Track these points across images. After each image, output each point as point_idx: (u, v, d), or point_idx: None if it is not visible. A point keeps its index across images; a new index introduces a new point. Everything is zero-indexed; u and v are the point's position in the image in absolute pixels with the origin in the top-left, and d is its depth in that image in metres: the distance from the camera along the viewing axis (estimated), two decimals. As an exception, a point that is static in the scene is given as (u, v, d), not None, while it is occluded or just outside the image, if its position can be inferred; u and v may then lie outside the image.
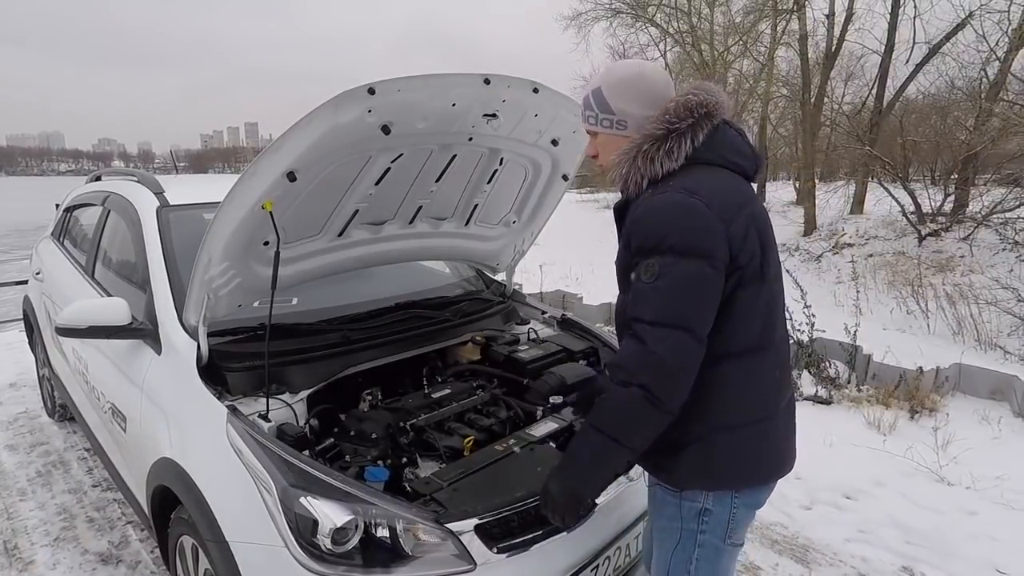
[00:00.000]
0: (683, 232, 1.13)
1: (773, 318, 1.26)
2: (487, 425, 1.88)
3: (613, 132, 1.32)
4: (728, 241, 1.14)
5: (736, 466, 1.25)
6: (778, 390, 1.29)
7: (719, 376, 1.20)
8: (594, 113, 1.33)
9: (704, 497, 1.26)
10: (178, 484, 1.62)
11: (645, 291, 1.15)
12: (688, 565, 1.31)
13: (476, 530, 1.42)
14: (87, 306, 1.97)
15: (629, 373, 1.14)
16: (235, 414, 1.58)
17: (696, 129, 1.22)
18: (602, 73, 1.34)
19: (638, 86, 1.29)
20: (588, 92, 1.34)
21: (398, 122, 1.58)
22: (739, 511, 1.28)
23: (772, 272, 1.25)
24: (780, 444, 1.31)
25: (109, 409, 2.17)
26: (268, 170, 1.50)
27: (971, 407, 3.64)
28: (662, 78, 1.31)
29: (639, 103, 1.28)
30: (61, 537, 2.54)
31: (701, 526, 1.28)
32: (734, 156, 1.26)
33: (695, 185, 1.16)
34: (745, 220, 1.19)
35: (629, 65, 1.32)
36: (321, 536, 1.34)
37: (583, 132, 2.12)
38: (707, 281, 1.13)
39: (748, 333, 1.21)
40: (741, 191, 1.24)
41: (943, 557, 2.37)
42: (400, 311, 2.25)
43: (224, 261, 1.67)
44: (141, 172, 2.75)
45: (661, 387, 1.12)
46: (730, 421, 1.23)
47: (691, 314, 1.13)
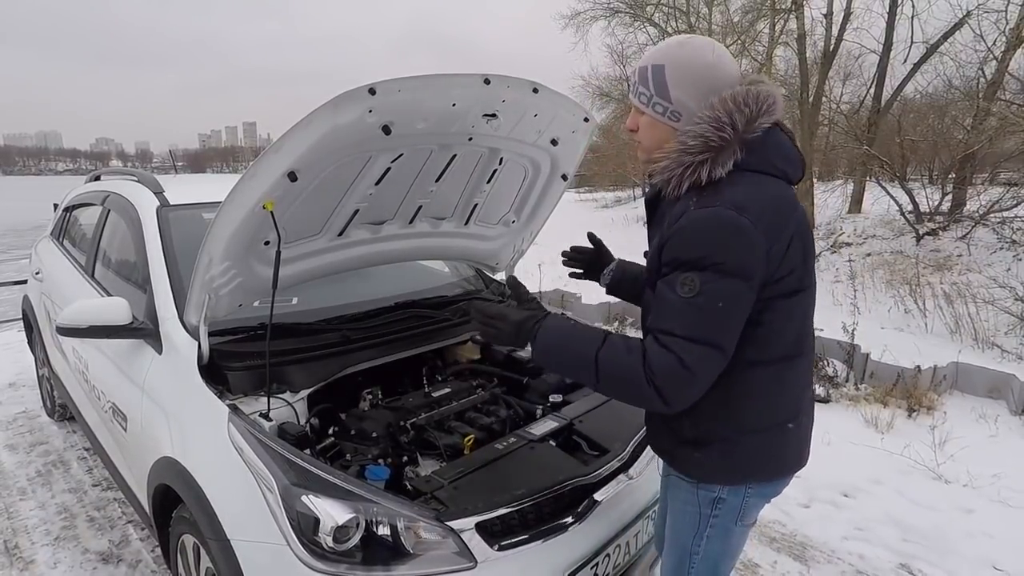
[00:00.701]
0: (728, 252, 1.08)
1: (807, 326, 1.25)
2: (487, 424, 1.89)
3: (664, 121, 1.20)
4: (768, 259, 1.11)
5: (759, 464, 1.27)
6: (805, 391, 1.30)
7: (752, 382, 1.20)
8: (648, 93, 1.20)
9: (720, 488, 1.29)
10: (179, 483, 1.63)
11: (680, 305, 1.11)
12: (700, 542, 1.35)
13: (477, 528, 1.43)
14: (88, 306, 1.97)
15: (654, 375, 1.12)
16: (236, 413, 1.59)
17: (747, 132, 1.13)
18: (669, 48, 1.19)
19: (708, 76, 1.16)
20: (648, 64, 1.20)
21: (399, 122, 1.59)
22: (751, 499, 1.31)
23: (809, 280, 1.21)
24: (802, 443, 1.33)
25: (110, 409, 2.17)
26: (269, 170, 1.50)
27: (968, 405, 3.66)
28: (733, 70, 1.17)
29: (700, 97, 1.16)
30: (61, 536, 2.55)
31: (715, 511, 1.32)
32: (783, 164, 1.19)
33: (744, 200, 1.09)
34: (790, 235, 1.14)
35: (703, 49, 1.17)
36: (323, 534, 1.34)
37: (582, 133, 2.16)
38: (742, 300, 1.11)
39: (782, 342, 1.20)
40: (788, 203, 1.17)
41: (940, 555, 2.38)
42: (400, 310, 2.26)
43: (225, 261, 1.67)
44: (141, 172, 2.75)
45: (679, 396, 1.13)
46: (758, 425, 1.23)
47: (724, 333, 1.12)
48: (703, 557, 1.37)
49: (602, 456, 1.75)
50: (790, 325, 1.19)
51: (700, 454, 1.26)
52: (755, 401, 1.21)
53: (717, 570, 1.40)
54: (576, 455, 1.77)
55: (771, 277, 1.12)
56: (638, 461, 1.83)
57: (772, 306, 1.14)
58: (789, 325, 1.19)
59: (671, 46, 1.19)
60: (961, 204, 8.58)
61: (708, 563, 1.38)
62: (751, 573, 2.32)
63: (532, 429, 1.84)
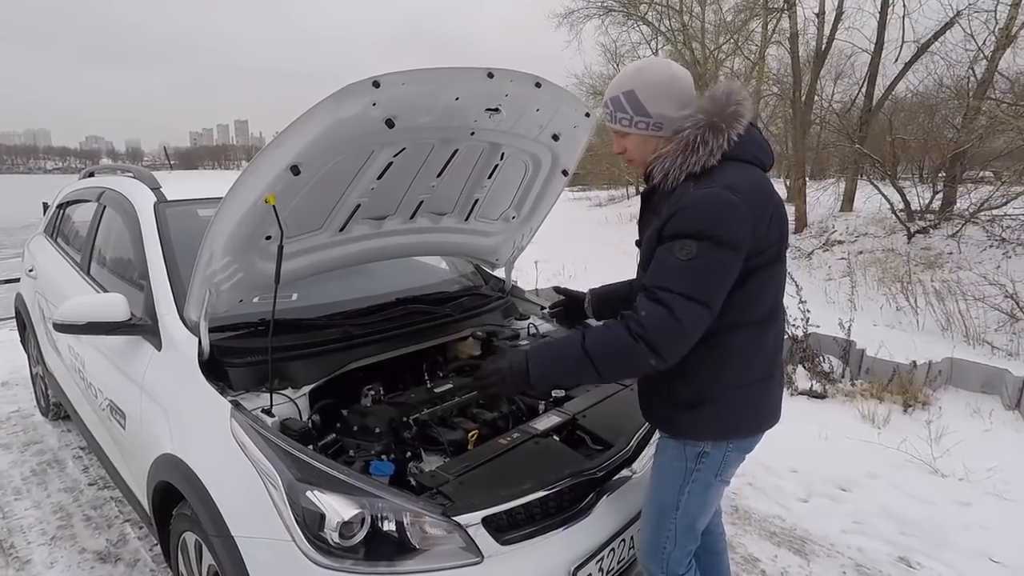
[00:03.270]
0: (723, 225, 1.25)
1: (780, 295, 1.43)
2: (490, 419, 1.89)
3: (648, 133, 1.39)
4: (754, 232, 1.28)
5: (743, 419, 1.44)
6: (778, 352, 1.47)
7: (735, 343, 1.36)
8: (628, 115, 1.39)
9: (704, 443, 1.44)
10: (181, 480, 1.61)
11: (677, 266, 1.26)
12: (680, 496, 1.48)
13: (483, 522, 1.43)
14: (85, 302, 1.95)
15: (645, 330, 1.26)
16: (239, 409, 1.58)
17: (731, 128, 1.31)
18: (631, 75, 1.38)
19: (673, 88, 1.36)
20: (618, 94, 1.39)
21: (402, 116, 1.58)
22: (731, 454, 1.46)
23: (784, 254, 1.41)
24: (776, 399, 1.50)
25: (107, 406, 2.15)
26: (271, 164, 1.49)
27: (963, 400, 3.69)
28: (689, 78, 1.39)
29: (675, 105, 1.35)
30: (58, 536, 2.52)
31: (698, 465, 1.46)
32: (759, 153, 1.38)
33: (736, 183, 1.28)
34: (771, 213, 1.33)
35: (661, 67, 1.38)
36: (328, 530, 1.34)
37: (583, 128, 2.16)
38: (731, 268, 1.27)
39: (760, 307, 1.37)
40: (768, 186, 1.37)
41: (937, 547, 2.40)
42: (400, 306, 2.25)
43: (226, 256, 1.66)
44: (137, 168, 2.73)
45: (671, 349, 1.27)
46: (741, 380, 1.39)
47: (714, 294, 1.27)
48: (683, 512, 1.49)
49: (606, 451, 1.75)
50: (767, 292, 1.37)
51: (693, 413, 1.41)
52: (737, 359, 1.38)
53: (694, 525, 1.52)
54: (580, 450, 1.78)
55: (755, 249, 1.30)
56: (641, 456, 1.84)
57: (754, 274, 1.32)
58: (767, 292, 1.37)
59: (634, 72, 1.39)
60: (951, 202, 8.64)
61: (687, 519, 1.50)
62: (752, 567, 2.33)
63: (535, 424, 1.84)
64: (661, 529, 1.52)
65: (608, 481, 1.70)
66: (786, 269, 1.45)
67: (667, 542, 1.52)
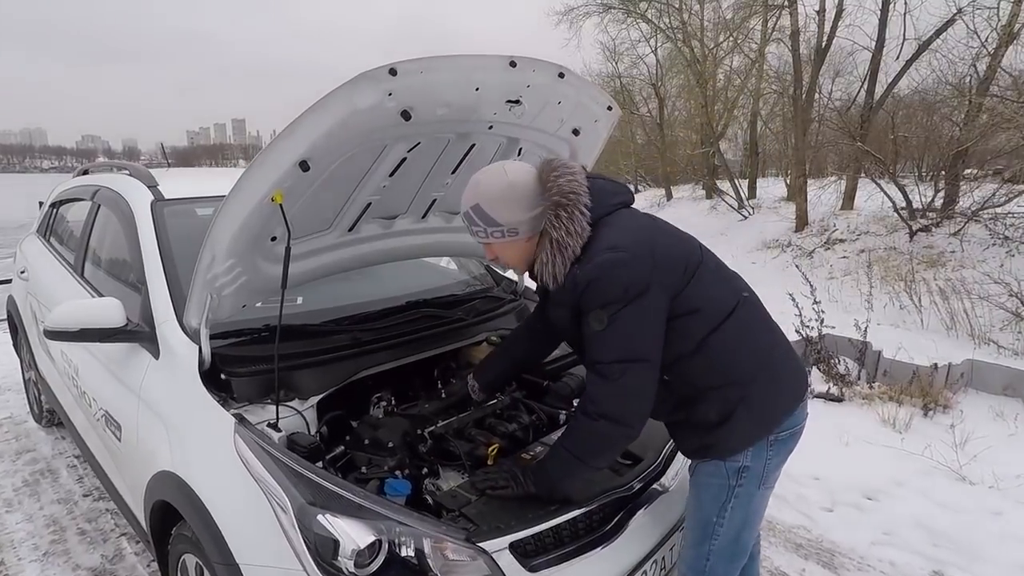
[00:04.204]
0: (619, 284, 1.27)
1: (725, 283, 1.43)
2: (510, 431, 1.77)
3: (508, 240, 1.39)
4: (657, 268, 1.30)
5: (776, 402, 1.39)
6: (765, 334, 1.44)
7: (718, 346, 1.35)
8: (482, 228, 1.39)
9: (743, 456, 1.38)
10: (181, 500, 1.50)
11: (599, 337, 1.30)
12: (724, 513, 1.42)
13: (510, 548, 1.32)
14: (78, 307, 1.83)
15: (596, 405, 1.32)
16: (243, 423, 1.46)
17: (577, 196, 1.33)
18: (472, 189, 1.39)
19: (513, 195, 1.35)
20: (468, 209, 1.39)
21: (419, 108, 1.46)
22: (773, 460, 1.41)
23: (695, 257, 1.40)
24: (796, 367, 1.47)
25: (102, 417, 2.04)
26: (279, 159, 1.38)
27: (985, 403, 3.59)
28: (529, 175, 1.38)
29: (521, 208, 1.36)
30: (50, 551, 2.41)
31: (740, 480, 1.40)
32: (614, 198, 1.41)
33: (613, 240, 1.31)
34: (661, 240, 1.37)
35: (496, 176, 1.37)
36: (342, 558, 1.23)
37: (604, 123, 2.05)
38: (648, 314, 1.30)
39: (714, 307, 1.37)
40: (643, 221, 1.41)
41: (972, 560, 2.30)
42: (411, 310, 2.14)
43: (229, 258, 1.55)
44: (133, 165, 2.60)
45: (629, 413, 1.32)
46: (750, 372, 1.37)
47: (643, 347, 1.30)
48: (726, 528, 1.43)
49: (635, 465, 1.65)
50: (712, 291, 1.38)
51: (730, 425, 1.36)
52: (732, 356, 1.37)
53: (739, 539, 1.45)
54: None
55: (673, 275, 1.33)
56: (670, 470, 1.73)
57: (689, 291, 1.34)
58: (712, 292, 1.38)
59: (473, 186, 1.39)
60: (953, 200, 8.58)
61: (731, 533, 1.43)
62: (779, 581, 2.23)
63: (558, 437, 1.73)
64: (703, 545, 1.45)
65: (639, 498, 1.60)
66: (712, 261, 1.45)
67: (710, 555, 1.44)
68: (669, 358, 1.35)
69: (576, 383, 2.04)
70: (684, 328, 1.34)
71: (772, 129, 16.32)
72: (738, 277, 1.50)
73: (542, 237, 1.37)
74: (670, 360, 1.35)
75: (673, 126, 17.27)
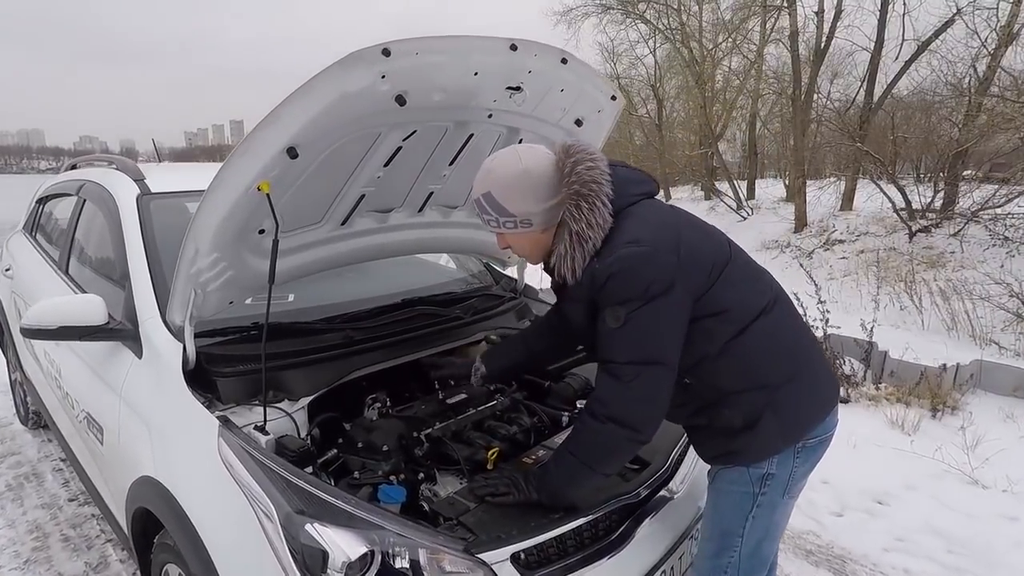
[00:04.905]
0: (641, 280, 1.19)
1: (754, 284, 1.34)
2: (510, 434, 1.69)
3: (520, 231, 1.31)
4: (682, 266, 1.21)
5: (806, 410, 1.31)
6: (801, 336, 1.37)
7: (746, 348, 1.26)
8: (494, 217, 1.31)
9: (768, 463, 1.30)
10: (162, 508, 1.42)
11: (614, 335, 1.22)
12: (745, 523, 1.34)
13: (511, 559, 1.23)
14: (57, 304, 1.74)
15: (606, 407, 1.23)
16: (228, 426, 1.38)
17: (599, 186, 1.24)
18: (484, 175, 1.30)
19: (527, 184, 1.26)
20: (479, 196, 1.31)
21: (414, 92, 1.38)
22: (800, 469, 1.32)
23: (723, 254, 1.31)
24: (827, 373, 1.38)
25: (84, 418, 1.95)
26: (265, 145, 1.29)
27: (994, 405, 3.52)
28: (545, 160, 1.28)
29: (535, 199, 1.26)
30: (32, 559, 2.32)
31: (763, 488, 1.32)
32: (637, 188, 1.31)
33: (636, 234, 1.22)
34: (687, 235, 1.26)
35: (510, 163, 1.28)
36: (332, 571, 1.14)
37: (608, 113, 1.96)
38: (669, 314, 1.21)
39: (743, 307, 1.28)
40: (666, 213, 1.32)
41: (989, 567, 2.22)
42: (406, 308, 2.05)
43: (214, 252, 1.46)
44: (119, 158, 2.52)
45: (639, 418, 1.23)
46: (781, 376, 1.28)
47: (659, 349, 1.21)
48: (746, 539, 1.34)
49: (642, 470, 1.56)
50: (740, 292, 1.29)
51: (755, 431, 1.28)
52: (760, 359, 1.28)
53: (760, 550, 1.37)
54: None
55: (700, 273, 1.24)
56: (678, 475, 1.65)
57: (716, 290, 1.25)
58: (739, 293, 1.28)
59: (485, 172, 1.30)
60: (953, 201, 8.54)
61: (751, 545, 1.35)
62: (789, 590, 2.15)
63: (560, 440, 1.64)
64: (722, 556, 1.37)
65: (646, 505, 1.51)
66: (743, 259, 1.35)
67: (728, 568, 1.36)
68: (691, 360, 1.26)
69: (579, 384, 1.96)
70: (709, 329, 1.25)
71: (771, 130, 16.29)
72: (766, 273, 1.40)
73: (560, 228, 1.27)
74: (692, 362, 1.27)
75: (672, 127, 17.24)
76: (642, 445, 1.27)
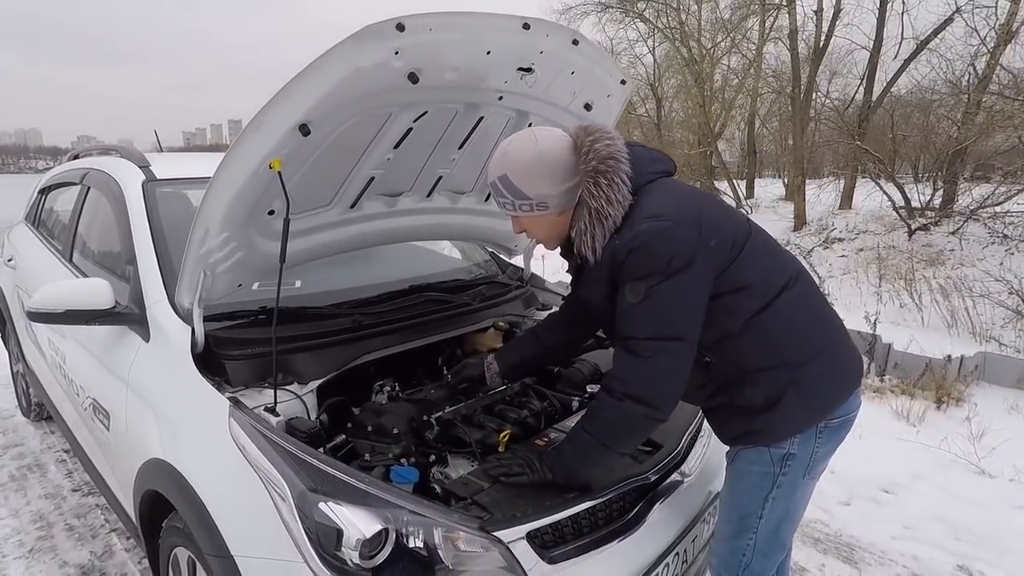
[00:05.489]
0: (663, 254, 1.17)
1: (776, 260, 1.32)
2: (521, 418, 1.68)
3: (536, 215, 1.30)
4: (703, 241, 1.20)
5: (827, 386, 1.28)
6: (824, 305, 1.35)
7: (769, 325, 1.25)
8: (509, 200, 1.30)
9: (790, 443, 1.28)
10: (172, 489, 1.40)
11: (633, 311, 1.20)
12: (764, 504, 1.32)
13: (528, 537, 1.22)
14: (64, 288, 1.73)
15: (624, 384, 1.21)
16: (239, 407, 1.37)
17: (617, 163, 1.23)
18: (499, 158, 1.29)
19: (544, 166, 1.25)
20: (494, 179, 1.30)
21: (426, 70, 1.37)
22: (822, 449, 1.30)
23: (743, 231, 1.29)
24: (852, 351, 1.36)
25: (90, 405, 1.94)
26: (277, 121, 1.28)
27: (999, 396, 3.52)
28: (562, 143, 1.27)
29: (552, 181, 1.26)
30: (37, 548, 2.30)
31: (784, 469, 1.30)
32: (655, 166, 1.30)
33: (656, 209, 1.21)
34: (707, 211, 1.25)
35: (526, 145, 1.27)
36: (346, 548, 1.13)
37: (617, 98, 1.96)
38: (690, 289, 1.19)
39: (765, 283, 1.26)
40: (686, 190, 1.31)
41: (998, 555, 2.22)
42: (415, 294, 2.04)
43: (224, 232, 1.45)
44: (123, 146, 2.50)
45: (658, 395, 1.21)
46: (807, 350, 1.26)
47: (679, 325, 1.20)
48: (765, 521, 1.33)
49: (655, 452, 1.55)
50: (762, 268, 1.27)
51: (778, 410, 1.26)
52: (783, 336, 1.26)
53: (779, 532, 1.36)
54: None
55: (721, 247, 1.22)
56: (691, 457, 1.64)
57: (736, 264, 1.24)
58: (761, 268, 1.27)
59: (501, 155, 1.29)
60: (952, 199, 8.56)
61: (770, 527, 1.34)
62: (798, 578, 2.14)
63: (573, 423, 1.64)
64: (740, 538, 1.35)
65: (658, 487, 1.51)
66: (762, 235, 1.34)
67: (746, 551, 1.35)
68: (713, 337, 1.25)
69: (589, 369, 1.95)
70: (730, 306, 1.24)
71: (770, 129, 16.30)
72: (787, 251, 1.40)
73: (579, 207, 1.26)
74: (714, 339, 1.25)
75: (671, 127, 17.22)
76: (659, 424, 1.25)
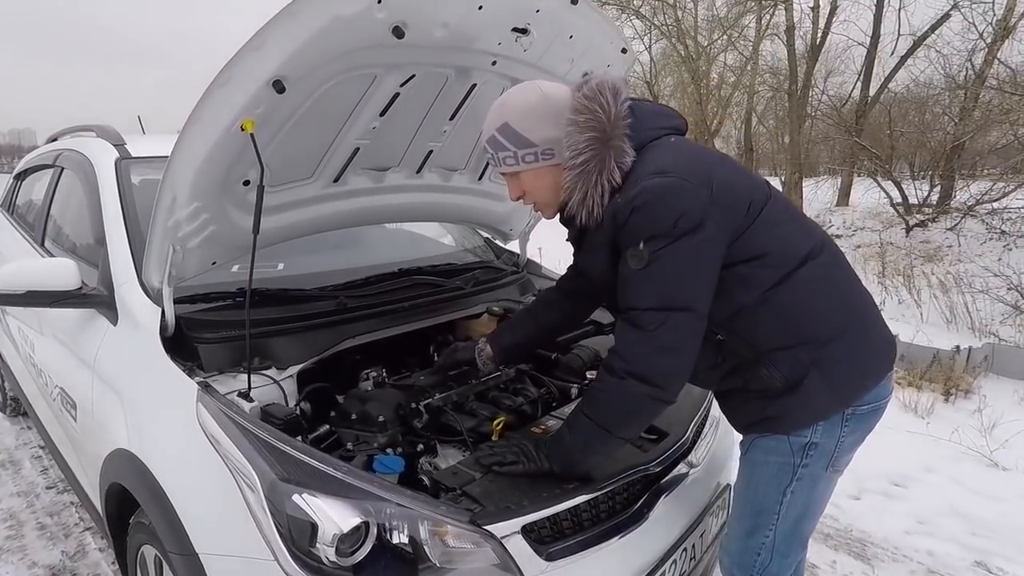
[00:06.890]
0: (669, 214, 1.06)
1: (797, 227, 1.19)
2: (516, 405, 1.57)
3: (540, 165, 1.19)
4: (715, 201, 1.08)
5: (855, 367, 1.16)
6: (852, 286, 1.22)
7: (787, 299, 1.13)
8: (511, 152, 1.19)
9: (812, 431, 1.17)
10: (136, 482, 1.29)
11: (636, 278, 1.09)
12: (781, 497, 1.21)
13: (523, 532, 1.11)
14: (26, 268, 1.61)
15: (626, 361, 1.10)
16: (208, 391, 1.25)
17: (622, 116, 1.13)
18: (498, 108, 1.20)
19: (548, 107, 1.16)
20: (493, 133, 1.20)
21: (413, 24, 1.26)
22: (848, 438, 1.19)
23: (761, 193, 1.17)
24: (883, 329, 1.24)
25: (58, 396, 1.82)
26: (247, 75, 1.16)
27: (1008, 388, 3.43)
28: (565, 90, 1.19)
29: (554, 124, 1.16)
30: (5, 548, 2.18)
31: (804, 459, 1.19)
32: (664, 122, 1.20)
33: (662, 164, 1.10)
34: (720, 170, 1.13)
35: (526, 89, 1.20)
36: (321, 544, 1.02)
37: (619, 67, 1.84)
38: (700, 254, 1.08)
39: (784, 253, 1.14)
40: (696, 148, 1.20)
41: (1017, 549, 2.12)
42: (404, 277, 1.93)
43: (194, 201, 1.34)
44: (100, 126, 2.37)
45: (662, 372, 1.09)
46: (833, 327, 1.15)
47: (687, 293, 1.08)
48: (783, 517, 1.22)
49: (660, 441, 1.44)
50: (782, 234, 1.15)
51: (800, 393, 1.14)
52: (805, 310, 1.14)
53: (799, 529, 1.25)
54: None
55: (733, 208, 1.11)
56: (698, 446, 1.54)
57: (752, 229, 1.12)
58: (781, 234, 1.15)
59: (499, 105, 1.21)
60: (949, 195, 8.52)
61: (787, 524, 1.23)
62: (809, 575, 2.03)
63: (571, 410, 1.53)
64: (755, 536, 1.24)
65: (664, 478, 1.40)
66: (782, 201, 1.21)
67: (762, 550, 1.24)
68: (726, 312, 1.13)
69: (588, 355, 1.84)
70: (745, 276, 1.12)
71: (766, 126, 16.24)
72: (810, 219, 1.28)
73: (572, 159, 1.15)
74: (728, 314, 1.13)
75: (668, 124, 17.15)
76: (665, 406, 1.13)
